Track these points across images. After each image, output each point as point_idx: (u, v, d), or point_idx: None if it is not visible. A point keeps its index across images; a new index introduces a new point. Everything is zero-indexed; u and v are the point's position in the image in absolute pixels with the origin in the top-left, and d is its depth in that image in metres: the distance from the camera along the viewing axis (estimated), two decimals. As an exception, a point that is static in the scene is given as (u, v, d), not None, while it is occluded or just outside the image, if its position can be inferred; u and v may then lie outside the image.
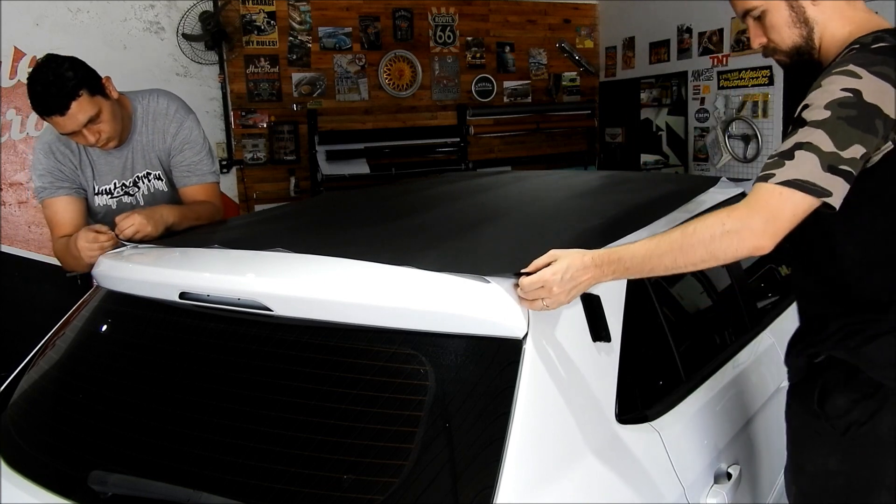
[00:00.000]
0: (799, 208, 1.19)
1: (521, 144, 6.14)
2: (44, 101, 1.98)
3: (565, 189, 2.29)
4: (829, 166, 1.18)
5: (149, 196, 2.36)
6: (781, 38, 1.42)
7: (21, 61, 4.39)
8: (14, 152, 4.47)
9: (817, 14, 1.39)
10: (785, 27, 1.40)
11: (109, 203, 2.33)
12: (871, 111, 1.20)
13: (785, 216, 1.19)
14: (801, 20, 1.39)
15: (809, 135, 1.20)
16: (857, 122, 1.19)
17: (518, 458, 1.14)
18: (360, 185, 4.97)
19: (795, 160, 1.19)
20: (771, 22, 1.41)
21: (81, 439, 1.42)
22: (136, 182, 2.34)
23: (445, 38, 5.79)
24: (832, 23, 1.38)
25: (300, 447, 1.21)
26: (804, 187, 1.18)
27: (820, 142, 1.19)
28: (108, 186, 2.31)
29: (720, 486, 1.51)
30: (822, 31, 1.39)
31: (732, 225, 1.19)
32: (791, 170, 1.19)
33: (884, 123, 1.21)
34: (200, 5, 4.85)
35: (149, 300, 1.56)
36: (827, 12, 1.38)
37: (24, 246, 4.54)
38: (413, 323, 1.26)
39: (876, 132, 1.20)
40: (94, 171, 2.29)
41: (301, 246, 1.53)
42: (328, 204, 2.41)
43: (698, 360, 1.75)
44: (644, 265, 1.25)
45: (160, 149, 2.32)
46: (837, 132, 1.19)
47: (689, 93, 5.56)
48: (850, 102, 1.21)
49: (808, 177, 1.18)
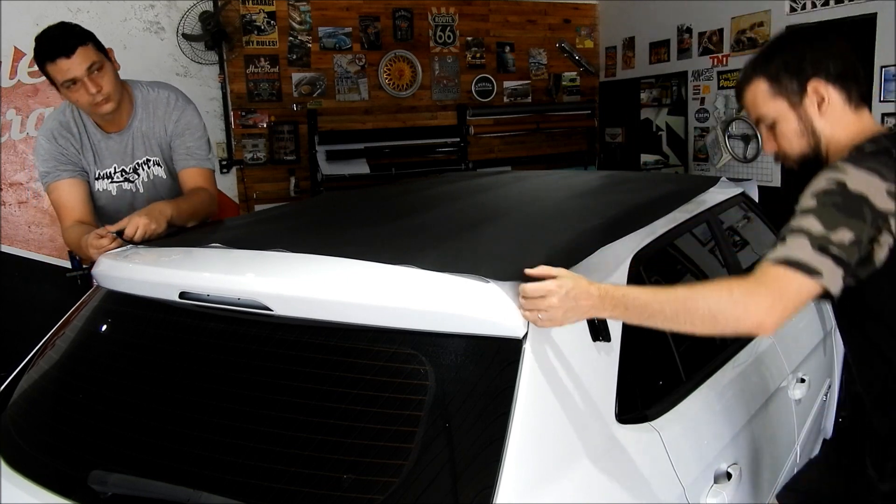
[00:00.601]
0: (800, 294, 1.22)
1: (521, 144, 6.14)
2: (51, 42, 2.06)
3: (565, 189, 2.29)
4: (819, 247, 1.22)
5: (148, 183, 2.39)
6: (791, 147, 1.48)
7: (21, 61, 4.39)
8: (14, 152, 4.47)
9: (824, 126, 1.44)
10: (794, 137, 1.47)
11: (109, 188, 2.36)
12: (856, 199, 1.26)
13: (790, 297, 1.21)
14: (809, 131, 1.45)
15: (800, 220, 1.26)
16: (843, 208, 1.25)
17: (518, 458, 1.14)
18: (360, 185, 4.97)
19: (787, 242, 1.25)
20: (781, 131, 1.47)
21: (81, 439, 1.42)
22: (136, 169, 2.37)
23: (445, 38, 5.79)
24: (837, 133, 1.44)
25: (300, 447, 1.21)
26: (795, 265, 1.22)
27: (809, 225, 1.24)
28: (108, 171, 2.34)
29: (720, 486, 1.51)
30: (829, 142, 1.45)
31: (740, 296, 1.21)
32: (783, 250, 1.24)
33: (871, 211, 1.25)
34: (200, 5, 4.85)
35: (149, 300, 1.56)
36: (833, 123, 1.44)
37: (24, 246, 4.54)
38: (413, 323, 1.26)
39: (864, 218, 1.24)
40: (96, 155, 2.32)
41: (301, 246, 1.53)
42: (328, 204, 2.41)
43: (698, 359, 1.75)
44: (643, 311, 1.25)
45: (161, 136, 2.35)
46: (824, 216, 1.25)
47: (689, 93, 5.56)
48: (834, 191, 1.27)
49: (798, 256, 1.22)
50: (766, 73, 1.46)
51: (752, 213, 2.59)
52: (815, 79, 1.42)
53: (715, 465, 1.55)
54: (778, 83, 1.44)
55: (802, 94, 1.43)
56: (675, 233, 1.92)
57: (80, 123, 2.30)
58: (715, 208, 2.24)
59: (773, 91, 1.45)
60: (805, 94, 1.43)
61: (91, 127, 2.31)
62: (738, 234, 2.49)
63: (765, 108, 1.47)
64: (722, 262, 2.16)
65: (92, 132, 2.30)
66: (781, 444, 1.78)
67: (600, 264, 1.52)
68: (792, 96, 1.44)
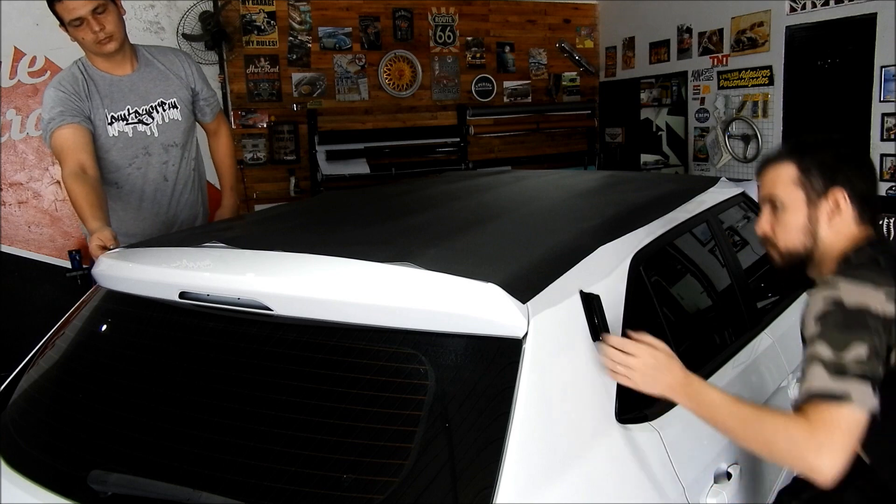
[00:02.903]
0: (845, 424, 1.20)
1: (521, 144, 6.14)
2: None
3: (565, 189, 2.29)
4: (836, 371, 1.22)
5: (163, 126, 2.52)
6: (785, 237, 1.49)
7: (21, 61, 4.39)
8: (14, 152, 4.47)
9: (827, 234, 1.45)
10: (794, 230, 1.47)
11: (126, 130, 2.45)
12: (856, 313, 1.26)
13: (844, 443, 1.19)
14: (812, 233, 1.46)
15: (811, 348, 1.27)
16: (846, 326, 1.25)
17: (518, 458, 1.14)
18: (360, 185, 4.97)
19: (807, 375, 1.25)
20: (786, 220, 1.48)
21: (81, 439, 1.42)
22: (150, 112, 2.50)
23: (445, 38, 5.79)
24: (837, 243, 1.45)
25: (300, 447, 1.21)
26: (821, 395, 1.21)
27: (820, 352, 1.24)
28: (122, 112, 2.45)
29: (720, 485, 1.51)
30: (825, 251, 1.46)
31: (798, 441, 1.20)
32: (805, 386, 1.24)
33: (878, 321, 1.25)
34: (200, 5, 4.85)
35: (149, 300, 1.56)
36: (835, 234, 1.45)
37: (24, 246, 4.54)
38: (413, 322, 1.26)
39: (871, 329, 1.24)
40: (103, 98, 2.42)
41: (301, 246, 1.53)
42: (328, 204, 2.41)
43: (698, 359, 1.75)
44: (710, 417, 1.30)
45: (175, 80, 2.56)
46: (831, 339, 1.25)
47: (689, 93, 5.56)
48: (833, 311, 1.27)
49: (819, 386, 1.22)
50: (800, 162, 1.46)
51: (752, 213, 2.59)
52: (840, 188, 1.43)
53: (715, 465, 1.55)
54: (806, 175, 1.45)
55: (823, 196, 1.44)
56: (675, 233, 1.92)
57: (85, 73, 2.42)
58: (715, 208, 2.24)
59: (798, 180, 1.46)
60: (825, 198, 1.44)
61: (98, 74, 2.43)
62: (738, 234, 2.49)
63: (783, 191, 1.47)
64: (722, 262, 2.16)
65: (99, 78, 2.43)
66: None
67: (600, 263, 1.52)
68: (812, 194, 1.45)
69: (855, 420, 1.20)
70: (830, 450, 1.18)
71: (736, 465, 1.60)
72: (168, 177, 2.59)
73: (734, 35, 5.12)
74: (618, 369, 1.30)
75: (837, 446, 1.19)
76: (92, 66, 2.43)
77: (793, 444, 1.20)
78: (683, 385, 1.30)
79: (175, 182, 2.61)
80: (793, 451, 1.20)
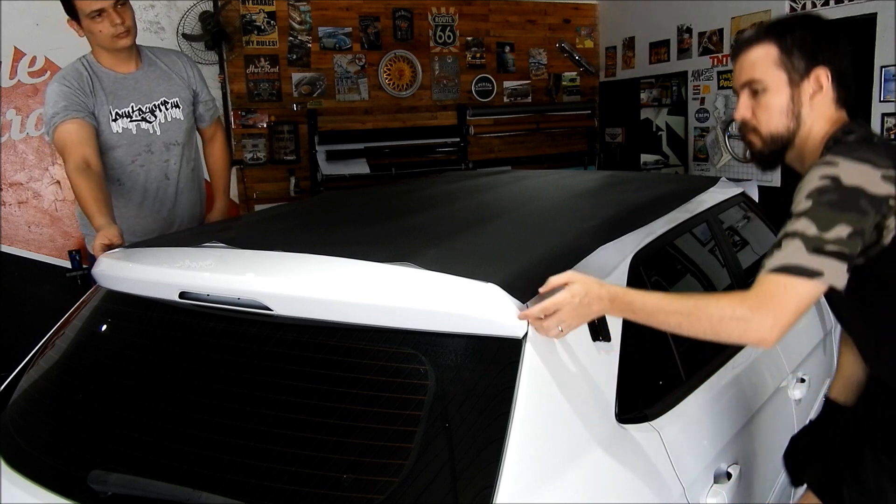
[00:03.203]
0: (803, 298, 1.21)
1: (521, 144, 6.14)
2: None
3: (565, 189, 2.29)
4: (814, 248, 1.21)
5: (165, 125, 2.54)
6: (768, 121, 1.45)
7: (21, 61, 4.39)
8: (14, 152, 4.47)
9: (809, 113, 1.43)
10: (777, 112, 1.44)
11: (129, 127, 2.47)
12: (852, 193, 1.24)
13: (790, 309, 1.21)
14: (795, 113, 1.43)
15: (794, 223, 1.25)
16: (838, 204, 1.24)
17: (518, 458, 1.14)
18: (360, 185, 4.97)
19: (783, 248, 1.24)
20: (767, 102, 1.44)
21: (81, 439, 1.42)
22: (153, 110, 2.51)
23: (445, 38, 5.79)
24: (817, 126, 1.43)
25: (300, 447, 1.21)
26: (794, 270, 1.21)
27: (804, 228, 1.23)
28: (126, 109, 2.46)
29: (720, 485, 1.51)
30: (809, 132, 1.44)
31: (742, 313, 1.21)
32: (779, 257, 1.23)
33: (870, 202, 1.24)
34: (200, 5, 4.85)
35: (149, 300, 1.56)
36: (816, 115, 1.43)
37: (24, 246, 4.54)
38: (413, 322, 1.26)
39: (862, 211, 1.24)
40: (107, 95, 2.43)
41: (301, 246, 1.53)
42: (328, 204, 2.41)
43: (698, 359, 1.75)
44: (651, 317, 1.27)
45: (177, 81, 2.57)
46: (818, 216, 1.23)
47: (689, 93, 5.56)
48: (829, 188, 1.25)
49: (794, 261, 1.21)
50: (781, 42, 1.42)
51: (751, 213, 2.59)
52: (822, 67, 1.41)
53: (715, 465, 1.55)
54: (788, 56, 1.42)
55: (805, 76, 1.42)
56: (675, 233, 1.92)
57: (89, 70, 2.43)
58: (715, 208, 2.24)
59: (779, 61, 1.42)
60: (807, 78, 1.41)
61: (102, 71, 2.44)
62: (737, 234, 2.49)
63: (763, 73, 1.43)
64: (722, 262, 2.16)
65: (104, 75, 2.44)
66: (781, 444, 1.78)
67: (600, 263, 1.52)
68: (794, 74, 1.42)
69: (813, 296, 1.22)
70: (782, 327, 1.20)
71: (736, 465, 1.60)
72: (170, 175, 2.60)
73: (734, 35, 5.12)
74: (552, 333, 1.25)
75: (788, 323, 1.21)
76: (97, 62, 2.45)
77: (739, 322, 1.20)
78: (613, 302, 1.27)
79: (177, 181, 2.62)
80: (740, 328, 1.21)
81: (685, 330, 1.25)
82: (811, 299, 1.23)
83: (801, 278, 1.20)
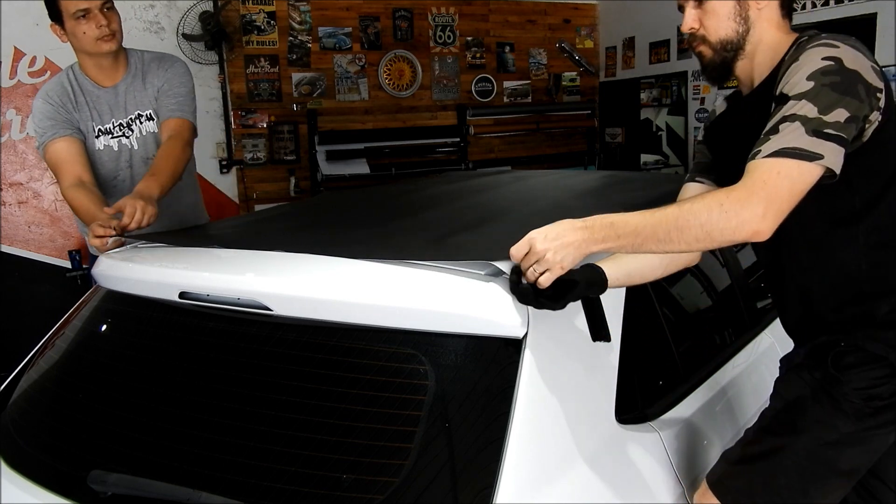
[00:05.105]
0: (796, 182, 1.17)
1: (521, 144, 6.14)
2: None
3: (565, 189, 2.29)
4: (814, 131, 1.18)
5: (141, 139, 2.45)
6: (717, 28, 1.41)
7: (21, 61, 4.39)
8: (14, 152, 4.47)
9: (757, 17, 1.40)
10: (725, 18, 1.40)
11: (111, 144, 2.41)
12: (852, 76, 1.22)
13: (783, 195, 1.16)
14: (743, 17, 1.40)
15: (793, 107, 1.21)
16: (840, 87, 1.20)
17: (518, 458, 1.14)
18: (360, 185, 4.97)
19: (780, 132, 1.20)
20: (713, 7, 1.40)
21: (81, 439, 1.42)
22: (130, 124, 2.43)
23: (445, 38, 5.79)
24: (769, 31, 1.40)
25: (300, 447, 1.21)
26: (792, 154, 1.17)
27: (804, 111, 1.20)
28: (108, 125, 2.40)
29: (720, 485, 1.50)
30: (759, 37, 1.40)
31: (731, 206, 1.16)
32: (776, 141, 1.19)
33: (866, 90, 1.23)
34: (200, 5, 4.85)
35: (148, 300, 1.56)
36: (764, 21, 1.40)
37: (24, 246, 4.54)
38: (413, 322, 1.26)
39: (859, 97, 1.21)
40: (93, 110, 2.37)
41: (301, 246, 1.53)
42: (328, 204, 2.41)
43: (698, 359, 1.75)
44: (636, 237, 1.19)
45: (152, 90, 2.43)
46: (821, 99, 1.20)
47: (689, 93, 5.56)
48: (832, 70, 1.22)
49: (793, 144, 1.17)
50: None
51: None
52: None
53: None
54: None
55: None
56: (675, 233, 1.92)
57: (73, 82, 2.37)
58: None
59: None
60: None
61: (87, 83, 2.38)
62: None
63: None
64: (722, 262, 2.16)
65: (88, 89, 2.37)
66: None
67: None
68: None
69: (809, 181, 1.18)
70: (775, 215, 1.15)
71: (736, 465, 1.59)
72: None
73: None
74: (543, 279, 1.17)
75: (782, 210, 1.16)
76: (83, 74, 2.37)
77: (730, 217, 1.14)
78: (591, 229, 1.19)
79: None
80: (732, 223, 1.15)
81: (676, 242, 1.18)
82: (806, 184, 1.18)
83: (798, 160, 1.16)
